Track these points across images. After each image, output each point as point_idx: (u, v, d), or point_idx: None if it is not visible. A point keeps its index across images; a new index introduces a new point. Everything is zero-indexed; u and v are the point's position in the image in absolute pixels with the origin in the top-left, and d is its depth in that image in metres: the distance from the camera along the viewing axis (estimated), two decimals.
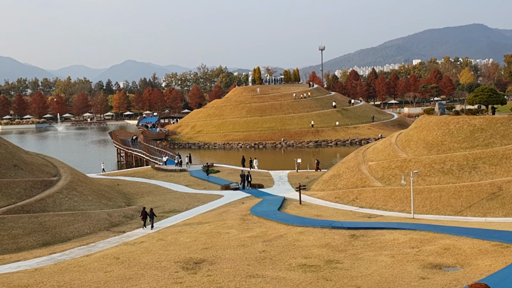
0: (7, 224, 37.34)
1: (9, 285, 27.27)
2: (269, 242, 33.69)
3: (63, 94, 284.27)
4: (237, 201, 48.90)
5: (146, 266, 29.64)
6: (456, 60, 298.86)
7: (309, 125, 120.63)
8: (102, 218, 42.89)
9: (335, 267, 27.77)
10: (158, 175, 67.58)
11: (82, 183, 50.31)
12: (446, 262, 27.48)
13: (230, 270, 27.83)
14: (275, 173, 66.22)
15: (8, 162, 47.73)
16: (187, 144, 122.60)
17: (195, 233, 37.17)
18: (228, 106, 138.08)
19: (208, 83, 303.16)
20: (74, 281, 27.30)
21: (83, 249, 34.94)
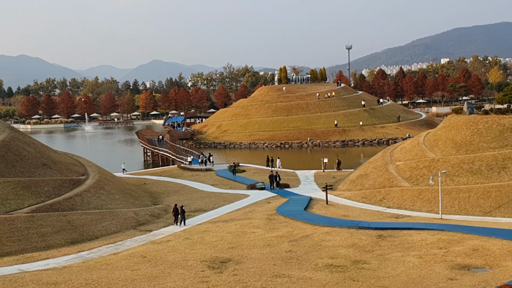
0: (36, 222, 37.83)
1: (38, 282, 27.60)
2: (295, 242, 33.58)
3: (90, 94, 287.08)
4: (263, 201, 48.83)
5: (172, 264, 29.75)
6: (485, 59, 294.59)
7: (336, 124, 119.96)
8: (129, 216, 43.20)
9: (362, 267, 27.57)
10: (184, 174, 67.86)
11: (109, 182, 50.74)
12: (475, 263, 27.09)
13: (256, 270, 27.79)
14: (301, 173, 65.99)
15: (38, 161, 48.37)
16: (212, 143, 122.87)
17: (221, 233, 37.21)
18: (254, 106, 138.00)
19: (234, 83, 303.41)
20: (102, 279, 27.52)
21: (111, 248, 35.23)
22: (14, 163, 45.61)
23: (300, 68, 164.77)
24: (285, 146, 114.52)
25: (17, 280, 28.16)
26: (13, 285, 27.33)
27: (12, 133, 51.10)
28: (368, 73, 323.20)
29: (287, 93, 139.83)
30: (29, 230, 36.71)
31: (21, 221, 37.50)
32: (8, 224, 36.70)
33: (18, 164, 45.83)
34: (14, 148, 47.87)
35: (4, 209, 38.81)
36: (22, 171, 45.26)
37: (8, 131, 51.02)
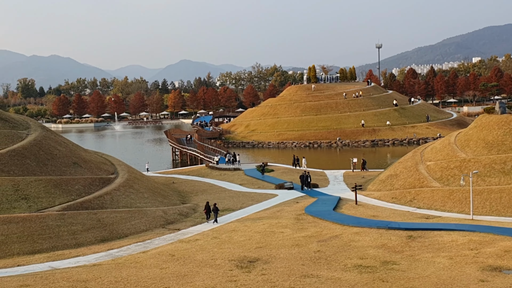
0: (67, 220, 38.28)
1: (69, 280, 27.89)
2: (324, 242, 33.36)
3: (120, 94, 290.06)
4: (292, 201, 48.66)
5: (200, 263, 29.81)
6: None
7: (366, 124, 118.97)
8: (157, 215, 43.45)
9: (392, 268, 27.27)
10: (212, 173, 68.02)
11: (138, 181, 51.12)
12: (507, 265, 26.57)
13: (285, 270, 27.67)
14: (330, 173, 65.61)
15: (68, 160, 48.96)
16: (241, 143, 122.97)
17: (249, 232, 37.18)
18: (283, 105, 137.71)
19: (263, 82, 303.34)
20: (131, 277, 27.69)
21: (140, 246, 35.48)
22: (45, 162, 46.25)
23: (330, 67, 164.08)
24: (314, 146, 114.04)
25: (48, 277, 28.50)
26: (44, 282, 27.67)
27: (44, 132, 51.83)
28: (398, 72, 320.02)
29: (316, 92, 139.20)
30: (60, 228, 37.17)
31: (52, 219, 37.99)
32: (39, 222, 37.22)
33: (49, 163, 46.46)
34: (46, 147, 48.54)
35: (36, 207, 39.37)
36: (53, 169, 45.86)
37: (40, 130, 51.76)
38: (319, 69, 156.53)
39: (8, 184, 40.65)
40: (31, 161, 45.12)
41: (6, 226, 36.04)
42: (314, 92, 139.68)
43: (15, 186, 40.68)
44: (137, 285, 26.36)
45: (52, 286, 26.73)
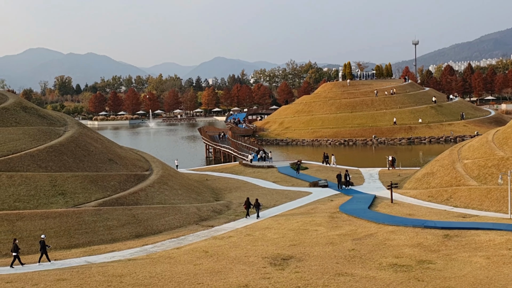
0: (103, 216, 38.72)
1: (104, 274, 28.21)
2: (359, 240, 33.03)
3: (155, 91, 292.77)
4: (326, 199, 48.33)
5: (234, 260, 29.81)
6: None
7: (402, 121, 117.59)
8: (191, 212, 43.63)
9: (427, 267, 26.90)
10: (245, 171, 68.03)
11: (172, 178, 51.42)
12: None
13: (319, 268, 27.50)
14: (366, 171, 64.95)
15: (104, 156, 49.53)
16: (274, 140, 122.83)
17: (283, 230, 37.03)
18: (317, 102, 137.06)
19: (297, 79, 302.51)
20: (165, 273, 27.86)
21: (174, 242, 35.67)
22: (82, 158, 46.87)
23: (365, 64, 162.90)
24: (349, 144, 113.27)
25: (84, 272, 28.87)
26: (81, 276, 28.04)
27: (80, 129, 52.54)
28: (435, 69, 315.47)
29: (352, 89, 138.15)
30: (96, 223, 37.61)
31: (88, 214, 38.47)
32: (76, 217, 37.73)
33: (86, 159, 47.06)
34: (82, 143, 49.19)
35: (73, 203, 39.92)
36: (89, 165, 46.44)
37: (76, 127, 52.48)
38: (355, 65, 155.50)
39: (46, 179, 41.31)
40: (68, 157, 45.77)
41: (44, 221, 36.63)
42: (349, 89, 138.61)
43: (53, 182, 41.32)
44: (171, 280, 26.50)
45: (88, 281, 27.06)
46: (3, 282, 27.49)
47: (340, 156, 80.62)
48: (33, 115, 51.51)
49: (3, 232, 35.14)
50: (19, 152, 43.74)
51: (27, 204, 38.47)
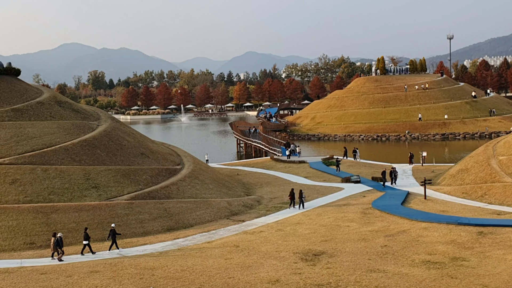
0: (135, 209, 39.05)
1: (136, 267, 28.45)
2: (391, 237, 32.65)
3: (186, 86, 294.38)
4: (358, 195, 47.89)
5: (265, 255, 29.75)
6: None
7: (436, 117, 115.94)
8: (222, 206, 43.70)
9: (461, 264, 26.50)
10: (276, 166, 67.85)
11: (203, 172, 51.57)
12: None
13: (350, 264, 27.28)
14: (399, 167, 64.13)
15: (136, 151, 49.92)
16: (306, 135, 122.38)
17: (314, 225, 36.83)
18: (350, 97, 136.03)
19: (329, 74, 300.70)
20: (196, 266, 27.96)
21: (205, 236, 35.78)
22: (115, 152, 47.32)
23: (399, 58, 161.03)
24: (382, 139, 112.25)
25: (117, 264, 29.17)
26: (113, 268, 28.33)
27: (113, 123, 53.04)
28: (470, 64, 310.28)
29: (385, 84, 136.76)
30: (128, 217, 37.95)
31: (121, 207, 38.84)
32: (109, 210, 38.13)
33: (118, 153, 47.50)
34: (115, 137, 49.65)
35: (106, 196, 40.33)
36: (122, 159, 46.86)
37: (109, 121, 53.00)
38: (388, 60, 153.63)
39: (80, 173, 41.83)
40: (101, 151, 46.26)
41: (77, 213, 37.11)
42: (382, 84, 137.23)
43: (86, 175, 41.83)
44: (203, 274, 26.58)
45: (120, 273, 27.32)
46: (38, 274, 27.95)
47: (372, 151, 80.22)
48: (67, 110, 52.18)
49: (38, 224, 35.71)
50: (53, 146, 44.37)
51: (62, 197, 39.02)
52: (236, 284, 24.94)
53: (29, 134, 45.07)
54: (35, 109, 49.39)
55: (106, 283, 25.78)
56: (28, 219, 35.91)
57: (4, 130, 44.65)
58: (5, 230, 34.88)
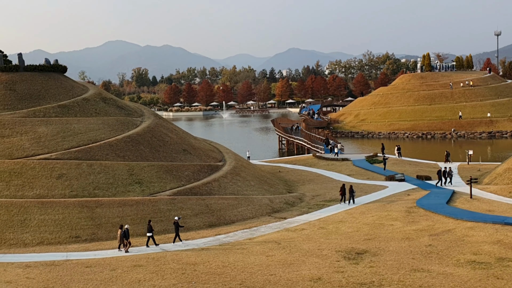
0: (177, 205, 39.34)
1: (178, 262, 28.67)
2: (436, 236, 32.01)
3: (228, 83, 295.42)
4: (403, 193, 47.14)
5: (307, 253, 29.55)
6: None
7: (482, 115, 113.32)
8: (264, 203, 43.64)
9: (507, 265, 25.86)
10: (319, 163, 67.42)
11: (245, 169, 51.60)
12: None
13: (394, 263, 26.86)
14: (444, 165, 62.94)
15: (179, 147, 50.31)
16: (349, 133, 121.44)
17: (357, 224, 36.41)
18: (395, 94, 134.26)
19: (374, 70, 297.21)
20: (238, 263, 27.98)
21: (246, 232, 35.78)
22: (157, 148, 47.79)
23: (445, 55, 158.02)
24: (427, 137, 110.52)
25: (160, 259, 29.45)
26: (156, 263, 28.62)
27: (156, 120, 53.58)
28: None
29: (430, 81, 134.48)
30: (171, 212, 38.24)
31: (163, 203, 39.20)
32: (152, 206, 38.53)
33: (161, 149, 47.96)
34: (158, 134, 50.15)
35: (148, 191, 40.76)
36: (164, 155, 47.29)
37: (152, 118, 53.56)
38: (434, 57, 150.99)
39: (124, 168, 42.39)
40: (145, 147, 46.78)
41: (121, 208, 37.63)
42: (428, 81, 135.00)
43: (130, 171, 42.36)
44: (244, 270, 26.57)
45: (163, 268, 27.57)
46: (83, 267, 28.45)
47: (417, 149, 78.97)
48: (111, 106, 52.96)
49: (84, 218, 36.35)
50: (98, 142, 45.09)
51: (106, 191, 39.61)
52: (278, 281, 24.83)
53: (75, 130, 45.92)
54: (81, 106, 50.28)
55: (149, 277, 26.06)
56: (74, 213, 36.59)
57: (51, 126, 45.61)
58: (52, 224, 35.62)
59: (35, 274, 27.38)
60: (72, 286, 25.19)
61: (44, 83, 51.69)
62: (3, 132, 43.98)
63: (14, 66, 52.23)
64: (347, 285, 24.00)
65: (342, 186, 44.21)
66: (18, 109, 47.50)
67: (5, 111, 47.06)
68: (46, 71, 53.68)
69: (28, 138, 43.75)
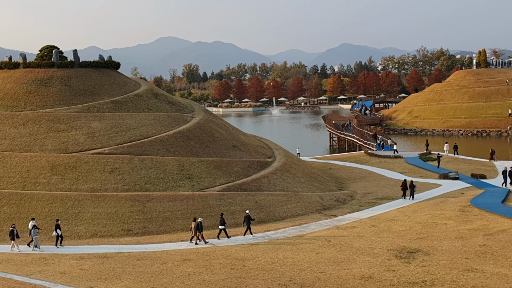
0: (226, 201, 39.48)
1: (228, 257, 28.77)
2: (491, 236, 31.06)
3: (279, 79, 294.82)
4: (456, 192, 46.00)
5: (357, 251, 29.17)
6: None
7: None
8: (314, 200, 43.33)
9: None
10: (371, 160, 66.51)
11: (295, 165, 51.36)
12: None
13: (447, 263, 26.22)
14: (500, 164, 61.15)
15: (228, 143, 50.48)
16: (402, 130, 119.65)
17: (410, 222, 35.72)
18: (449, 91, 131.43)
19: (428, 66, 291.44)
20: (287, 259, 27.84)
21: (296, 229, 35.60)
22: (207, 144, 48.07)
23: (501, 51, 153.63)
24: (482, 134, 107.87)
25: (209, 254, 29.64)
26: (205, 258, 28.81)
27: (207, 116, 53.92)
28: None
29: (486, 78, 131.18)
30: (220, 208, 38.39)
31: (213, 198, 39.42)
32: (201, 201, 38.79)
33: (211, 145, 48.23)
34: (208, 129, 50.45)
35: (198, 187, 41.05)
36: (214, 151, 47.53)
37: (203, 114, 53.92)
38: (490, 53, 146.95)
39: (174, 163, 42.82)
40: (195, 143, 47.13)
41: (172, 203, 38.03)
42: (483, 77, 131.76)
43: (180, 166, 42.76)
44: (293, 267, 26.43)
45: (212, 262, 27.71)
46: (134, 259, 28.90)
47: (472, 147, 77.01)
48: (163, 102, 53.58)
49: (135, 212, 36.91)
50: (150, 137, 45.70)
51: (157, 186, 40.11)
52: (328, 279, 24.58)
53: (127, 125, 46.67)
54: (133, 101, 51.05)
55: (198, 271, 26.22)
56: (126, 207, 37.20)
57: (105, 121, 46.48)
58: (104, 217, 36.31)
59: (88, 265, 27.96)
60: (124, 278, 25.60)
61: (98, 79, 52.74)
62: (59, 127, 45.09)
63: (69, 62, 53.50)
64: (398, 284, 23.56)
65: (404, 182, 44.48)
66: (73, 105, 48.61)
67: (60, 107, 48.23)
68: (100, 67, 54.79)
69: (83, 133, 44.73)
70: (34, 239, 32.05)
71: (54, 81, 50.85)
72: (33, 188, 38.83)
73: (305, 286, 23.75)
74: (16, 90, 49.84)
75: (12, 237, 31.79)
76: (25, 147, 43.05)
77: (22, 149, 42.86)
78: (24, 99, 48.85)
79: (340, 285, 23.74)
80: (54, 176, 39.86)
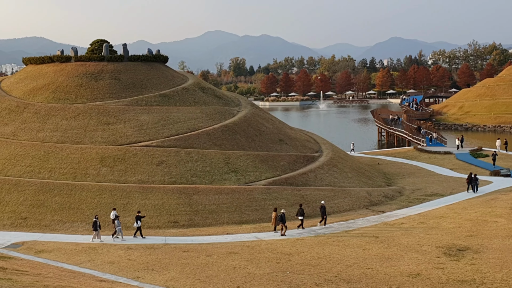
0: (272, 195, 39.39)
1: (273, 251, 28.68)
2: None
3: (326, 72, 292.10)
4: (508, 189, 44.68)
5: (405, 248, 28.66)
6: None
7: None
8: (361, 196, 42.81)
9: None
10: (420, 156, 65.34)
11: (342, 160, 50.85)
12: None
13: (497, 261, 25.48)
14: None
15: (275, 137, 50.34)
16: (453, 125, 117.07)
17: (459, 219, 34.87)
18: (501, 86, 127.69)
19: (479, 61, 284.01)
20: (333, 255, 27.58)
21: (342, 225, 35.24)
22: (253, 138, 48.05)
23: None
24: None
25: (255, 247, 29.61)
26: (251, 251, 28.79)
27: (253, 110, 53.89)
28: None
29: None
30: (265, 201, 38.35)
31: (258, 192, 39.37)
32: (247, 194, 38.81)
33: (257, 139, 48.18)
34: (254, 123, 50.42)
35: (244, 180, 41.08)
36: (260, 145, 47.47)
37: (249, 107, 53.91)
38: None
39: (220, 157, 42.96)
40: (241, 137, 47.17)
41: (217, 196, 38.18)
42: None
43: (226, 159, 42.87)
44: (340, 263, 26.14)
45: (258, 256, 27.67)
46: (181, 251, 29.14)
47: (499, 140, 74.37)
48: (209, 95, 53.82)
49: (182, 204, 37.22)
50: (196, 130, 45.98)
51: (203, 179, 40.32)
52: (375, 275, 24.21)
53: (174, 118, 47.07)
54: (181, 95, 51.45)
55: (244, 264, 26.23)
56: (172, 199, 37.55)
57: (152, 115, 47.00)
58: (152, 209, 36.74)
59: (136, 256, 28.34)
60: (171, 269, 25.82)
61: (146, 72, 53.37)
62: (108, 120, 45.83)
63: (119, 56, 54.29)
64: (447, 282, 23.01)
65: (469, 175, 44.29)
66: (122, 98, 49.34)
67: (110, 99, 49.02)
68: (148, 61, 55.44)
69: (131, 126, 45.34)
70: (117, 229, 32.64)
71: (104, 74, 51.70)
72: (83, 179, 39.62)
73: (352, 282, 23.45)
74: (67, 83, 50.89)
75: (95, 228, 32.35)
76: (76, 139, 43.93)
77: (73, 141, 43.76)
78: (75, 92, 49.84)
79: (387, 281, 23.35)
80: (103, 167, 40.56)
